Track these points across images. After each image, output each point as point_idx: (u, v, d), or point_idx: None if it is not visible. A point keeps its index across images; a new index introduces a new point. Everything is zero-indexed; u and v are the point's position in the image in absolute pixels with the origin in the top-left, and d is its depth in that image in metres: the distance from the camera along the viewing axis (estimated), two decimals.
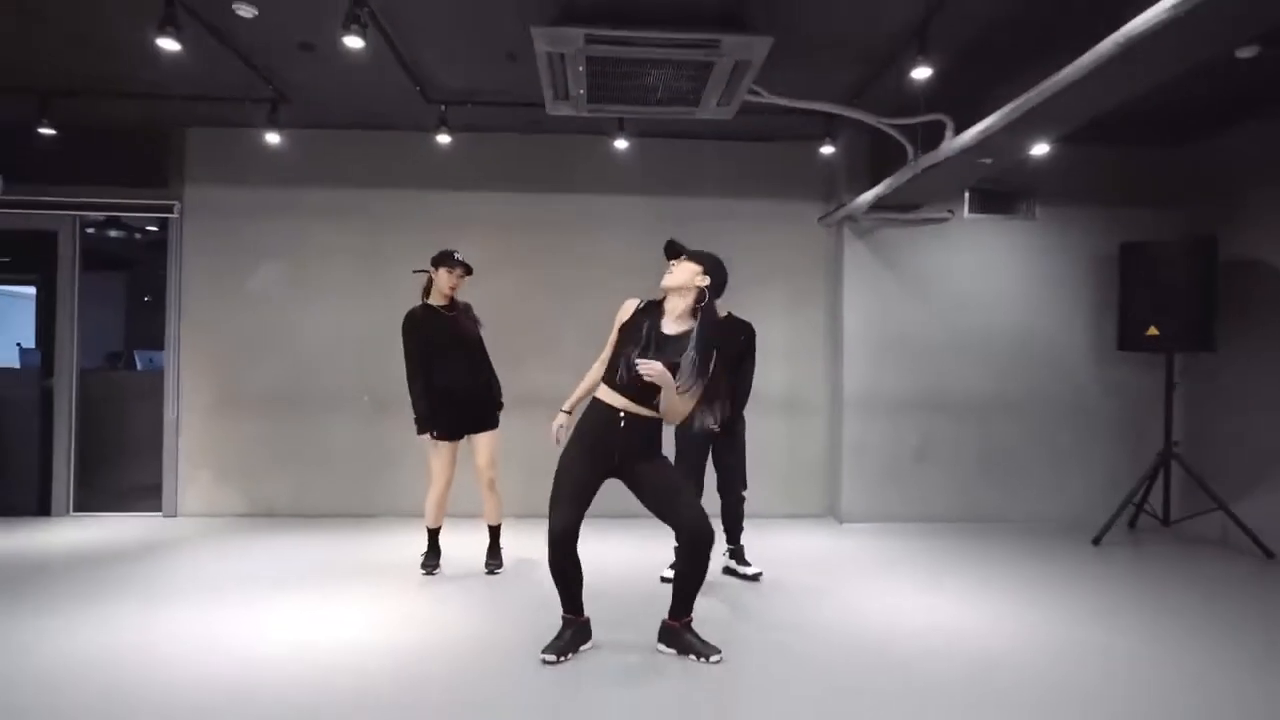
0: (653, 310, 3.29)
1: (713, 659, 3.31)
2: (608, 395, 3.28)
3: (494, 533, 4.82)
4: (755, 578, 4.65)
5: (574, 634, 3.39)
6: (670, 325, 3.24)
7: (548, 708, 2.95)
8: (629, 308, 3.33)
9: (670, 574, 4.45)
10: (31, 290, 7.76)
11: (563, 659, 3.30)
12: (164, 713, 2.81)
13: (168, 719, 2.77)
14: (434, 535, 4.76)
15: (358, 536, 5.65)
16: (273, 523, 6.11)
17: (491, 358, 4.76)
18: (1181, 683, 3.25)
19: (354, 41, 3.82)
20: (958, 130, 4.57)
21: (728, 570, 4.73)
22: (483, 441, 4.62)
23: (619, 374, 3.21)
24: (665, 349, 3.16)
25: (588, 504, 3.28)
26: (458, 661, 3.38)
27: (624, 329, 3.26)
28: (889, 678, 3.25)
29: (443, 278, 4.49)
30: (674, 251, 3.34)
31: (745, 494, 4.72)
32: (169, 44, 3.87)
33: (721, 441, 4.57)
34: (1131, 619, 4.04)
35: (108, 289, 9.20)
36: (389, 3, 4.16)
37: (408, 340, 4.49)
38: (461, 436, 4.61)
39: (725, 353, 4.44)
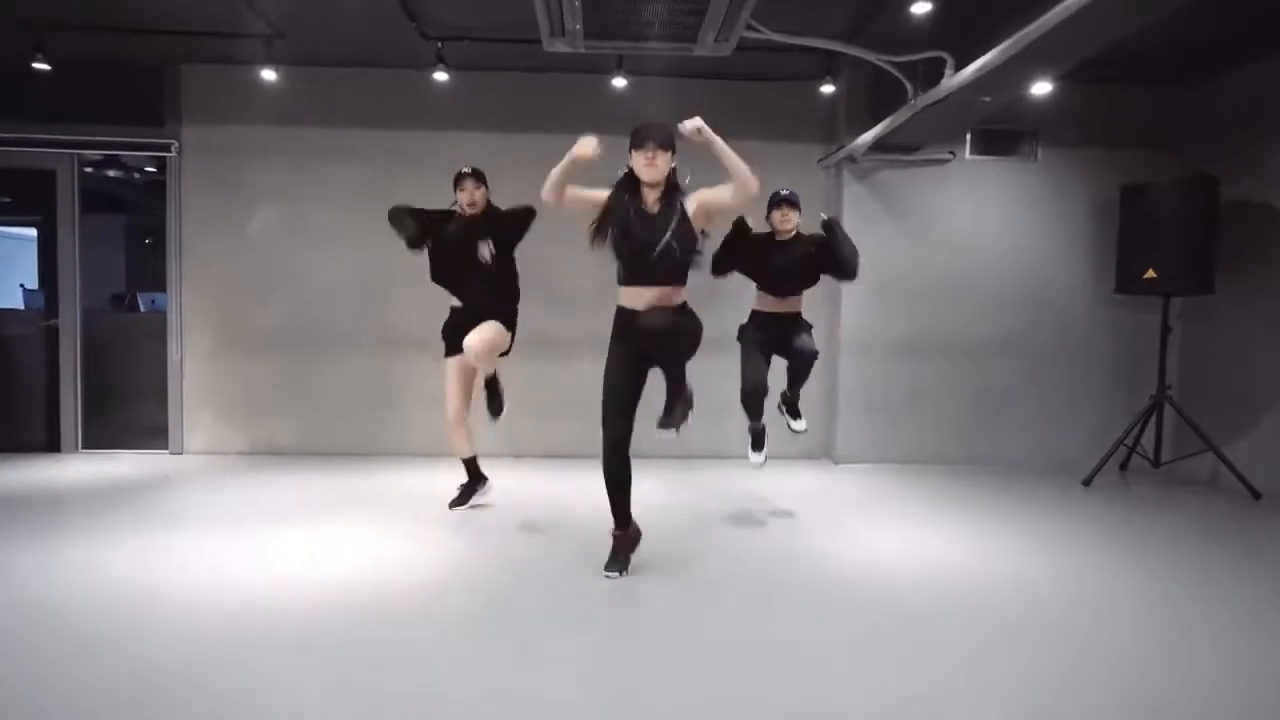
0: (626, 191, 3.39)
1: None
2: (628, 298, 3.43)
3: (489, 384, 4.56)
4: (801, 431, 4.86)
5: (628, 547, 3.63)
6: (648, 203, 3.39)
7: (534, 643, 3.06)
8: (605, 194, 3.43)
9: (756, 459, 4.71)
10: (33, 232, 7.81)
11: (624, 573, 3.52)
12: (166, 639, 2.90)
13: (169, 644, 2.85)
14: (468, 465, 4.70)
15: (360, 474, 5.75)
16: (277, 460, 6.22)
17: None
18: (1164, 617, 3.33)
19: None
20: (958, 67, 4.53)
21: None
22: (481, 329, 4.34)
23: (629, 268, 3.38)
24: (653, 225, 3.32)
25: (634, 409, 3.47)
26: (458, 594, 3.49)
27: (612, 206, 3.37)
28: (878, 608, 3.33)
29: (459, 199, 4.47)
30: (664, 140, 3.36)
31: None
32: None
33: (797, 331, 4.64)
34: (1118, 556, 4.12)
35: (109, 231, 9.22)
36: None
37: (419, 221, 4.50)
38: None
39: (795, 258, 4.56)
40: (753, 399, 4.55)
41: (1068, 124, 6.35)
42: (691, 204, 3.43)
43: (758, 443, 4.67)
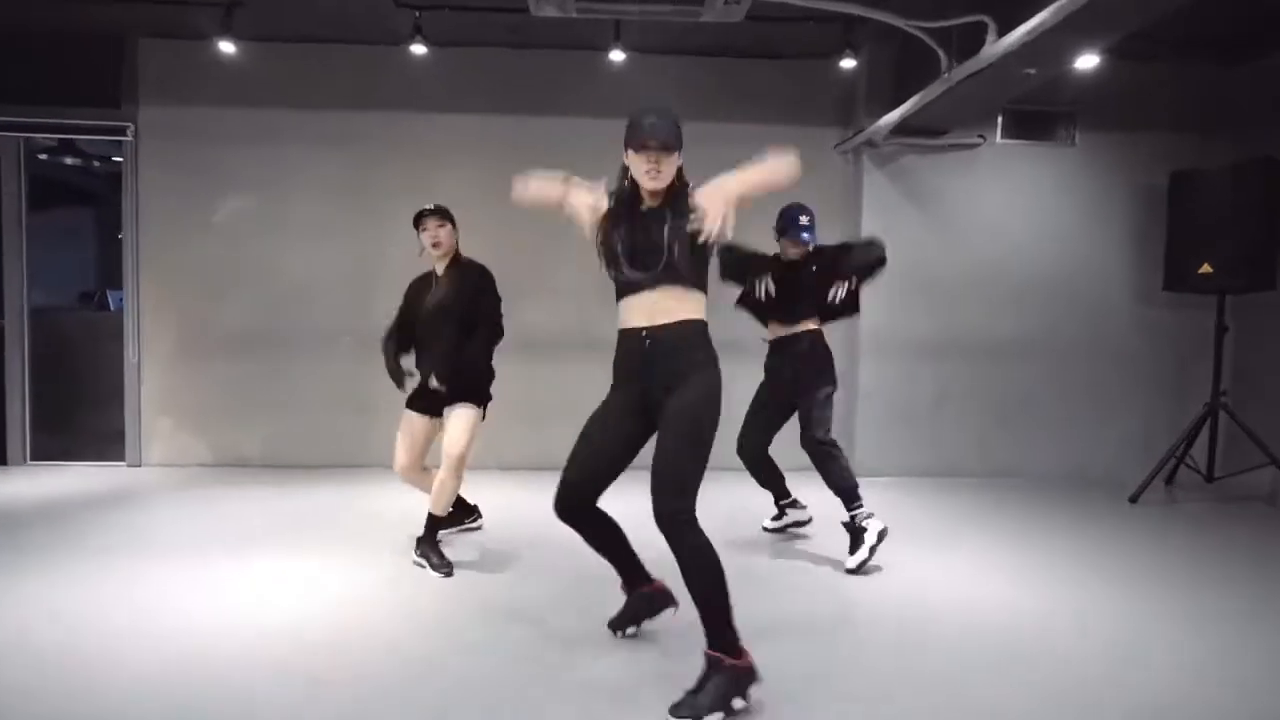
0: (624, 202, 2.60)
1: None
2: (624, 315, 2.55)
3: (431, 522, 3.80)
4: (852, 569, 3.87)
5: (634, 602, 2.90)
6: (648, 204, 2.57)
7: (508, 686, 2.52)
8: (600, 195, 2.62)
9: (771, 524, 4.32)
10: None
11: (623, 633, 2.91)
12: (104, 682, 2.44)
13: (106, 689, 2.39)
14: (444, 520, 3.87)
15: (335, 490, 5.22)
16: (243, 473, 5.69)
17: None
18: (1238, 664, 2.80)
19: None
20: (1000, 33, 3.98)
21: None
22: (454, 417, 3.75)
23: (618, 270, 2.52)
24: (646, 224, 2.52)
25: (607, 469, 2.61)
26: (434, 640, 2.95)
27: (609, 217, 2.57)
28: (903, 650, 2.83)
29: (421, 239, 3.80)
30: (671, 139, 2.50)
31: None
32: None
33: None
34: (1178, 588, 3.60)
35: (79, 225, 8.73)
36: None
37: (402, 305, 3.94)
38: (435, 413, 3.86)
39: (807, 288, 3.96)
40: (748, 465, 4.17)
41: (1110, 104, 5.82)
42: (701, 200, 2.45)
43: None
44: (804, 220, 3.97)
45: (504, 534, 4.27)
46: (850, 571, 3.70)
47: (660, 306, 2.48)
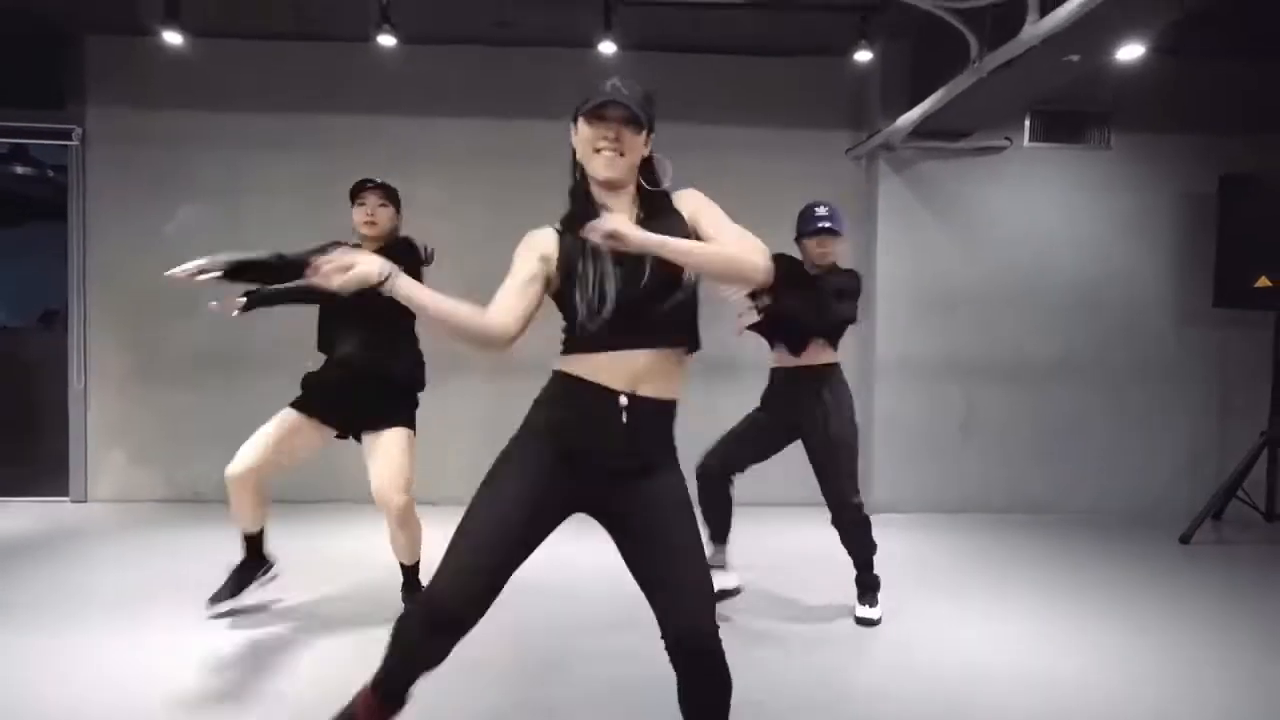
0: (581, 218, 1.83)
1: None
2: (588, 369, 1.85)
3: (407, 572, 3.38)
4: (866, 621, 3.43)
5: None
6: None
7: None
8: (540, 239, 1.94)
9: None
10: None
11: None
12: None
13: None
14: (248, 541, 3.39)
15: (299, 528, 4.70)
16: (200, 510, 5.17)
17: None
18: None
19: None
20: (1043, 12, 3.48)
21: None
22: (381, 447, 3.21)
23: (594, 324, 1.80)
24: (626, 260, 1.78)
25: (507, 566, 1.85)
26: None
27: (566, 254, 1.87)
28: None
29: (355, 215, 3.33)
30: (640, 113, 1.90)
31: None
32: None
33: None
34: (1233, 645, 3.17)
35: (48, 240, 8.37)
36: None
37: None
38: (338, 429, 3.34)
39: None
40: (705, 485, 3.35)
41: (1149, 103, 5.37)
42: (685, 207, 1.93)
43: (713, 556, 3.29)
44: (821, 210, 3.43)
45: None
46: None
47: (645, 368, 1.83)
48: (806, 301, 3.31)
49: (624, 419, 1.81)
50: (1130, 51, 4.03)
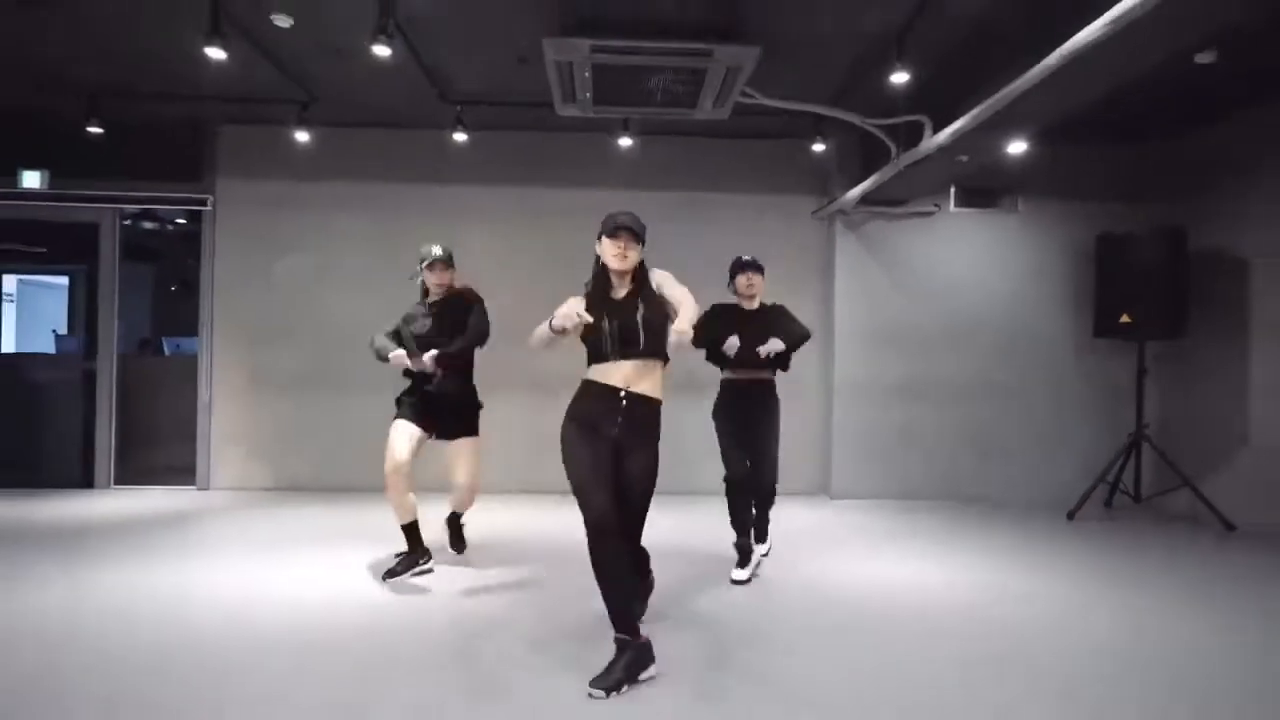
0: (599, 292, 3.22)
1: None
2: (601, 374, 3.14)
3: (454, 519, 4.69)
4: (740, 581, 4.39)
5: (631, 659, 2.93)
6: (618, 292, 3.20)
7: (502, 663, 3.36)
8: (574, 302, 3.23)
9: (740, 575, 4.33)
10: (64, 280, 8.26)
11: (615, 693, 2.84)
12: (190, 650, 3.26)
13: (195, 656, 3.20)
14: (408, 532, 4.36)
15: (372, 509, 6.03)
16: (297, 495, 6.54)
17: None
18: (1135, 636, 3.62)
19: (382, 50, 4.22)
20: (935, 130, 4.94)
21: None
22: (464, 452, 4.40)
23: (606, 348, 3.11)
24: (623, 310, 3.13)
25: (612, 486, 3.04)
26: (439, 617, 3.80)
27: (593, 311, 3.13)
28: (876, 630, 3.61)
29: (426, 278, 4.44)
30: (640, 233, 3.18)
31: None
32: (215, 53, 4.27)
33: (764, 416, 4.44)
34: (1099, 584, 4.38)
35: (138, 278, 9.66)
36: (412, 13, 4.57)
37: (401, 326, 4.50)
38: (428, 431, 4.36)
39: (771, 328, 4.33)
40: (734, 495, 4.33)
41: (1047, 178, 6.77)
42: (656, 279, 3.22)
43: (744, 559, 4.37)
44: (746, 256, 4.47)
45: (514, 557, 5.11)
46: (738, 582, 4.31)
47: (635, 373, 3.10)
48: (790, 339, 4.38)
49: (623, 404, 3.10)
50: (1017, 147, 5.49)
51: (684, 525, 5.50)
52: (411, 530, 4.33)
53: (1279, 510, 5.64)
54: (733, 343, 4.15)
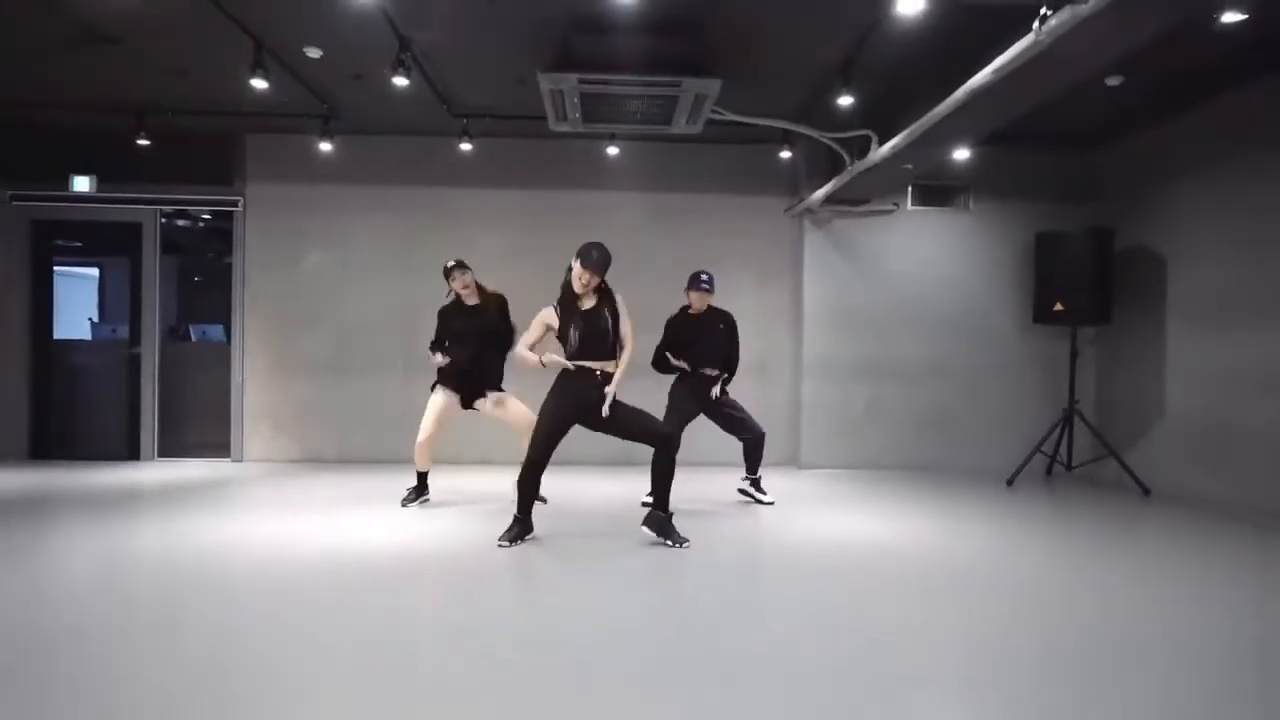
0: (567, 302, 4.42)
1: (683, 545, 4.47)
2: (581, 362, 4.40)
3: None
4: (769, 503, 5.79)
5: (522, 528, 4.54)
6: (584, 304, 4.42)
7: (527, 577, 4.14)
8: (550, 312, 4.46)
9: (650, 499, 5.39)
10: (94, 272, 8.97)
11: (514, 544, 4.44)
12: (223, 590, 3.95)
13: (227, 595, 3.88)
14: (420, 477, 5.62)
15: (388, 477, 6.79)
16: (320, 467, 7.32)
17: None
18: (1056, 580, 4.31)
19: (400, 80, 4.97)
20: (880, 143, 5.68)
21: (744, 492, 5.89)
22: (506, 404, 5.46)
23: (577, 348, 4.37)
24: (589, 319, 4.39)
25: (556, 446, 4.49)
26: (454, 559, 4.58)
27: (563, 319, 4.42)
28: (835, 574, 4.22)
29: (455, 285, 5.47)
30: (603, 268, 4.37)
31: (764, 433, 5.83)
32: (259, 83, 5.01)
33: (719, 404, 5.68)
34: (1030, 539, 5.04)
35: (166, 270, 10.38)
36: (426, 48, 5.30)
37: (439, 324, 5.57)
38: (467, 404, 5.48)
39: (706, 329, 5.68)
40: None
41: (995, 180, 7.51)
42: (618, 299, 4.53)
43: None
44: (704, 276, 5.67)
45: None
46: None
47: (603, 363, 4.43)
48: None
49: (599, 379, 4.38)
50: (961, 153, 6.23)
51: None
52: (424, 477, 5.62)
53: (1190, 476, 6.40)
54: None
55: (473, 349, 5.39)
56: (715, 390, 5.65)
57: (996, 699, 2.61)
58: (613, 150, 7.01)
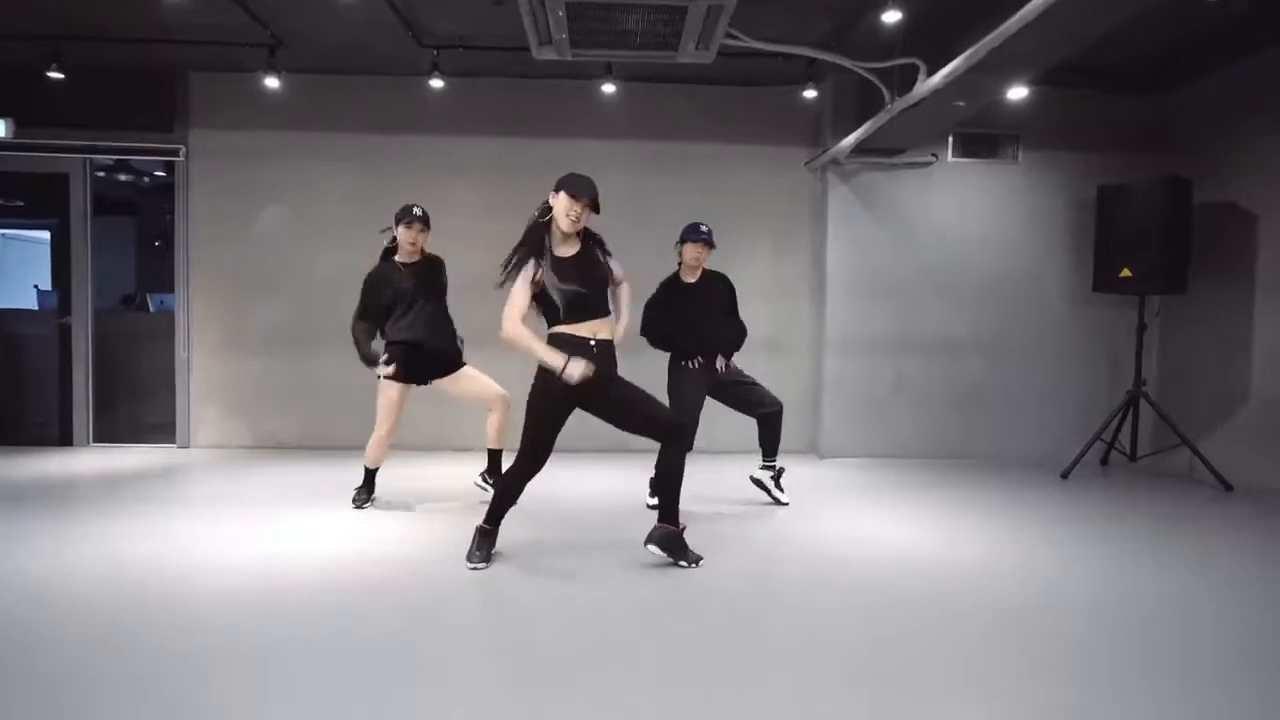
0: (540, 251, 3.48)
1: (698, 565, 3.64)
2: (571, 330, 3.50)
3: (493, 456, 4.81)
4: (785, 504, 4.95)
5: (493, 542, 3.71)
6: (563, 251, 3.52)
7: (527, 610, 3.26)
8: (530, 267, 3.48)
9: (655, 502, 4.51)
10: (47, 235, 8.09)
11: (489, 563, 3.64)
12: (163, 608, 3.15)
13: (167, 614, 3.10)
14: (371, 474, 4.86)
15: (354, 467, 5.93)
16: (277, 454, 6.45)
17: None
18: (1129, 596, 3.49)
19: None
20: (930, 73, 4.71)
21: (758, 484, 4.99)
22: (465, 378, 4.70)
23: (571, 309, 3.48)
24: (583, 269, 3.51)
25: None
26: (426, 567, 3.70)
27: (548, 273, 3.46)
28: (860, 593, 3.46)
29: (402, 234, 4.57)
30: (597, 208, 3.52)
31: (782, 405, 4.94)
32: None
33: (724, 379, 4.80)
34: (1091, 545, 4.22)
35: (121, 233, 9.48)
36: None
37: (367, 296, 4.63)
38: (427, 382, 4.72)
39: (709, 302, 4.76)
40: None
41: (1048, 127, 6.54)
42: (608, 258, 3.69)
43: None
44: (703, 227, 4.76)
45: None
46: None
47: (598, 327, 3.55)
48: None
49: (593, 350, 3.49)
50: (1017, 92, 5.26)
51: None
52: (372, 475, 4.88)
53: (1276, 471, 5.51)
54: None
55: (426, 313, 4.56)
56: (721, 363, 4.74)
57: None
58: (608, 89, 6.04)
